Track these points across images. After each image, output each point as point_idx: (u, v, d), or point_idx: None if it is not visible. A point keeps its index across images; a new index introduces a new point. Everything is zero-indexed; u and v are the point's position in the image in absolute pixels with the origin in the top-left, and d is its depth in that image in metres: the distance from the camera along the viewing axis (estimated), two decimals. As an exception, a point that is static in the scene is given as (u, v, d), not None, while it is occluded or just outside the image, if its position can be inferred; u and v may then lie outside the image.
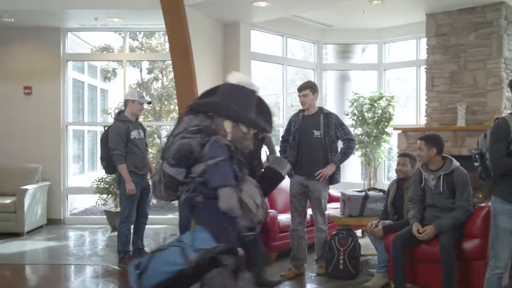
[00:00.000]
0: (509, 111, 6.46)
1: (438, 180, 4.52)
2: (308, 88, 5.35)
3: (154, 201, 10.09)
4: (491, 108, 7.34)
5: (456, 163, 4.56)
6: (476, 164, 3.91)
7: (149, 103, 5.91)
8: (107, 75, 10.72)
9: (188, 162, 3.31)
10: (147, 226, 6.28)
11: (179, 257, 3.07)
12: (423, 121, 8.33)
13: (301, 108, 5.53)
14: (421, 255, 4.53)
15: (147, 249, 6.24)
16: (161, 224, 8.28)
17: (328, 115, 5.37)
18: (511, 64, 7.57)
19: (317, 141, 5.26)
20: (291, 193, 5.46)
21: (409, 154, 5.26)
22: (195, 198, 3.29)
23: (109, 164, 5.73)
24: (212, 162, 3.25)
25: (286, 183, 7.13)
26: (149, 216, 6.30)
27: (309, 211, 5.65)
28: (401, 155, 5.30)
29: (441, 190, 4.48)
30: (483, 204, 4.50)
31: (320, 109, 5.45)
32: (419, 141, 4.65)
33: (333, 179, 5.35)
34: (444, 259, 4.17)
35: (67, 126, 8.60)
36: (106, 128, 5.81)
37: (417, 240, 4.47)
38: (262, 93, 3.57)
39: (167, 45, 7.81)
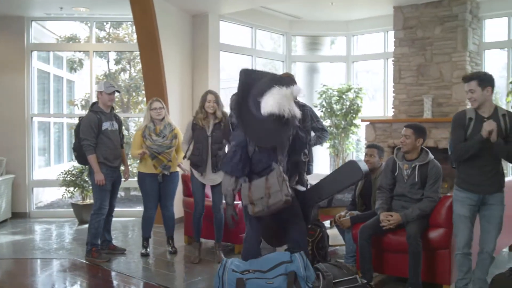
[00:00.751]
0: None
1: (412, 170, 4.56)
2: None
3: (122, 193, 10.01)
4: (456, 101, 7.48)
5: (431, 155, 4.63)
6: (450, 152, 4.14)
7: (116, 91, 5.80)
8: (73, 66, 10.51)
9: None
10: (115, 219, 6.22)
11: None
12: (390, 113, 8.44)
13: None
14: (388, 245, 4.59)
15: (114, 241, 6.18)
16: (129, 216, 8.20)
17: (304, 107, 5.39)
18: (475, 57, 7.73)
19: None
20: None
21: (377, 145, 5.31)
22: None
23: (80, 154, 5.67)
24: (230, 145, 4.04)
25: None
26: (118, 209, 6.24)
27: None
28: (369, 146, 5.35)
29: (416, 180, 4.54)
30: (448, 194, 4.58)
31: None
32: (406, 128, 4.62)
33: (307, 170, 5.38)
34: (411, 248, 4.24)
35: (32, 118, 8.42)
36: (80, 119, 5.75)
37: (384, 230, 4.54)
38: (230, 85, 3.75)
39: (135, 35, 7.71)
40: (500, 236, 4.23)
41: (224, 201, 4.72)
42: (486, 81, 3.93)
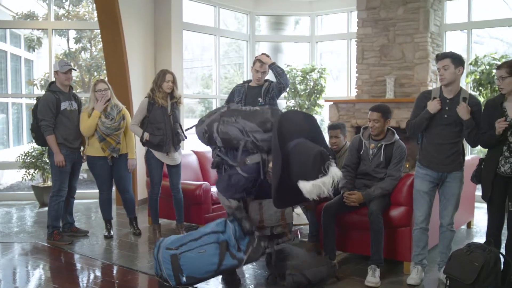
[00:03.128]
0: (434, 84, 6.75)
1: (378, 150, 4.62)
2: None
3: (84, 175, 9.85)
4: (418, 81, 7.59)
5: (396, 135, 4.70)
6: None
7: (72, 69, 5.62)
8: (31, 44, 10.22)
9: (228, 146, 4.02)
10: (78, 201, 6.12)
11: (218, 256, 3.85)
12: (354, 93, 8.52)
13: (245, 80, 5.58)
14: (351, 223, 4.66)
15: (77, 224, 6.11)
16: (92, 198, 8.08)
17: (272, 82, 5.43)
18: (437, 38, 7.84)
19: None
20: None
21: (339, 125, 5.34)
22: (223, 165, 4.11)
23: (38, 135, 5.54)
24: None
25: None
26: (80, 191, 6.13)
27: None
28: (331, 127, 5.37)
29: (381, 159, 4.60)
30: (410, 172, 4.66)
31: (266, 80, 5.47)
32: (373, 112, 4.61)
33: None
34: (373, 226, 4.32)
35: (-12, 98, 8.17)
36: (37, 99, 5.59)
37: (347, 209, 4.60)
38: (195, 65, 3.66)
39: (96, 13, 7.53)
40: (459, 213, 4.35)
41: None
42: (458, 60, 4.00)
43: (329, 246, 4.56)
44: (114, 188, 6.05)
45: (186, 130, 4.79)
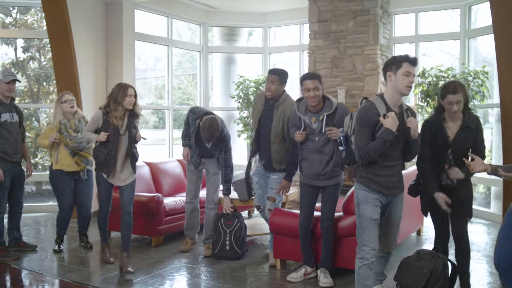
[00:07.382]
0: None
1: (321, 123, 4.30)
2: None
3: (33, 187, 9.56)
4: (368, 92, 7.76)
5: (335, 100, 4.39)
6: (341, 148, 3.79)
7: (16, 80, 5.39)
8: (-24, 53, 9.88)
9: None
10: (26, 215, 5.90)
11: None
12: (306, 104, 8.60)
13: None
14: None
15: (25, 238, 5.91)
16: (41, 211, 7.85)
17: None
18: (386, 50, 8.04)
19: None
20: (190, 168, 5.64)
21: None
22: None
23: None
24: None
25: (170, 166, 7.05)
26: (29, 204, 5.93)
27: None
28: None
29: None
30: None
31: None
32: (311, 81, 4.23)
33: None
34: (325, 234, 4.44)
35: None
36: None
37: None
38: (148, 75, 3.55)
39: (45, 22, 7.37)
40: (410, 222, 4.39)
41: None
42: None
43: (306, 254, 4.61)
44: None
45: None
